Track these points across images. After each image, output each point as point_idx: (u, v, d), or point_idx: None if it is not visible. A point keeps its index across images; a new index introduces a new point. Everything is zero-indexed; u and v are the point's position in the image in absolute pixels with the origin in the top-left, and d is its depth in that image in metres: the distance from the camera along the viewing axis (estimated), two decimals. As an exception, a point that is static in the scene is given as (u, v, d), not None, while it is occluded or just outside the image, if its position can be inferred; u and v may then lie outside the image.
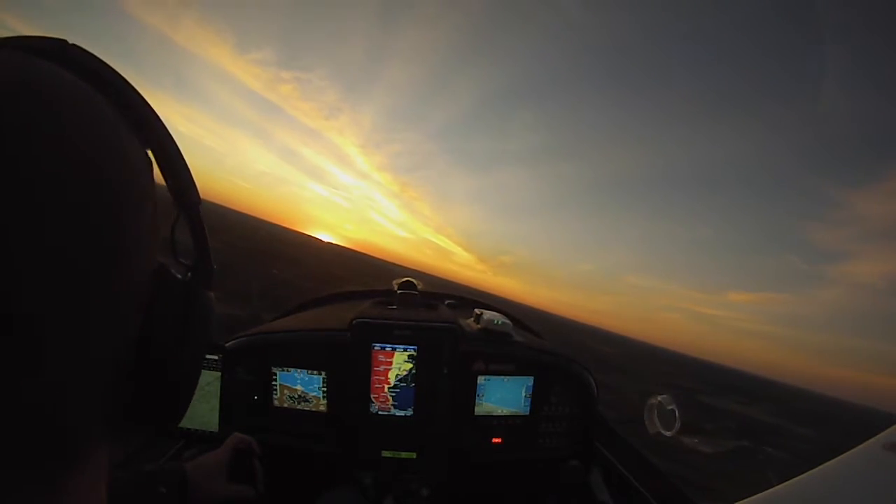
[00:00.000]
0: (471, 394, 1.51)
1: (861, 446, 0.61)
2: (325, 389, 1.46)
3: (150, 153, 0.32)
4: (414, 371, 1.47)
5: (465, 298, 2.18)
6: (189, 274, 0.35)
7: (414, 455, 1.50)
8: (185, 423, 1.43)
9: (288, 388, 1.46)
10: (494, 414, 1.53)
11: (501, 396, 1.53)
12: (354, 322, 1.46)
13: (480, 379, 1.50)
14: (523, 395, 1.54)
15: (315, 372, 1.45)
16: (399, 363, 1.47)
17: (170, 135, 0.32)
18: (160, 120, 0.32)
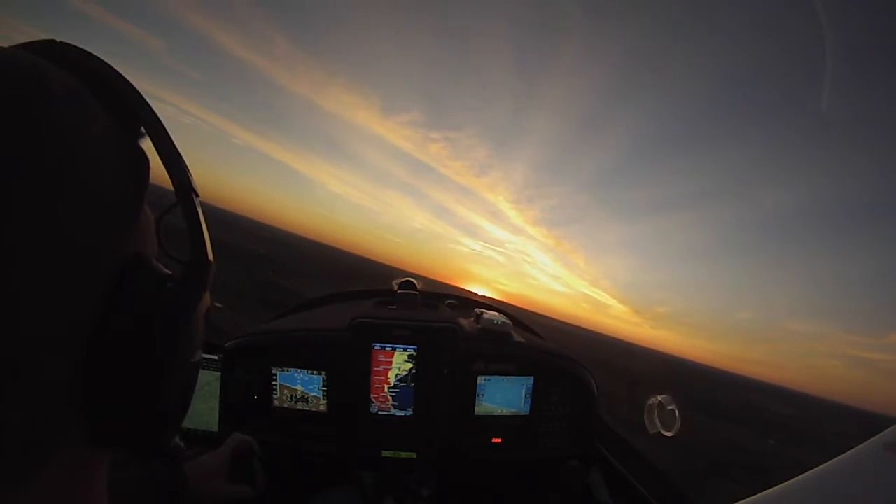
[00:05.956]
0: (471, 394, 1.51)
1: (861, 446, 0.61)
2: (325, 389, 1.46)
3: (145, 145, 0.32)
4: (414, 371, 1.47)
5: (466, 299, 2.17)
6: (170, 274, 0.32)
7: (414, 455, 1.50)
8: (186, 423, 1.43)
9: (288, 388, 1.46)
10: (494, 414, 1.53)
11: (501, 396, 1.53)
12: (354, 322, 1.46)
13: (480, 379, 1.50)
14: (523, 395, 1.54)
15: (315, 372, 1.45)
16: (399, 363, 1.47)
17: (163, 126, 0.31)
18: (153, 112, 0.31)
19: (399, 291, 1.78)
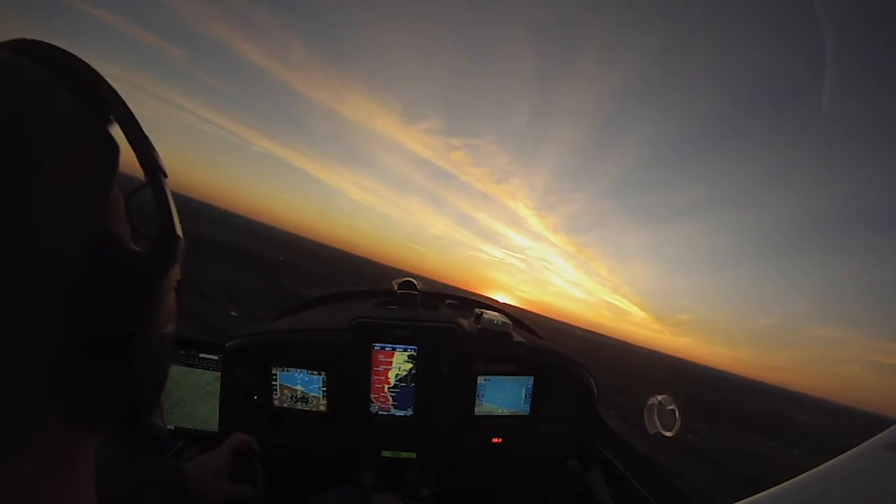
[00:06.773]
0: (471, 394, 1.51)
1: (861, 446, 0.61)
2: (325, 389, 1.46)
3: (113, 131, 0.33)
4: (414, 371, 1.48)
5: (466, 299, 2.17)
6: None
7: (414, 455, 1.50)
8: (185, 423, 1.43)
9: (288, 388, 1.46)
10: (494, 414, 1.53)
11: (501, 396, 1.53)
12: (354, 322, 1.46)
13: (480, 379, 1.50)
14: (523, 395, 1.54)
15: (315, 372, 1.45)
16: (399, 363, 1.47)
17: (130, 112, 0.33)
18: (121, 99, 0.33)
19: (399, 291, 1.78)
